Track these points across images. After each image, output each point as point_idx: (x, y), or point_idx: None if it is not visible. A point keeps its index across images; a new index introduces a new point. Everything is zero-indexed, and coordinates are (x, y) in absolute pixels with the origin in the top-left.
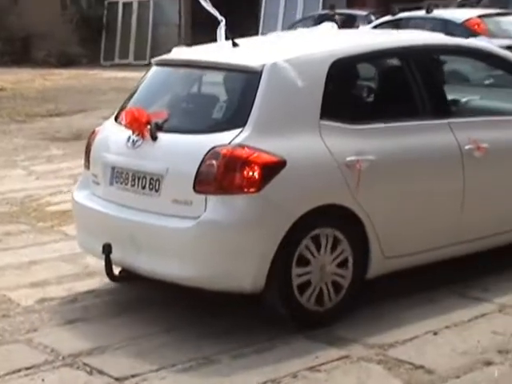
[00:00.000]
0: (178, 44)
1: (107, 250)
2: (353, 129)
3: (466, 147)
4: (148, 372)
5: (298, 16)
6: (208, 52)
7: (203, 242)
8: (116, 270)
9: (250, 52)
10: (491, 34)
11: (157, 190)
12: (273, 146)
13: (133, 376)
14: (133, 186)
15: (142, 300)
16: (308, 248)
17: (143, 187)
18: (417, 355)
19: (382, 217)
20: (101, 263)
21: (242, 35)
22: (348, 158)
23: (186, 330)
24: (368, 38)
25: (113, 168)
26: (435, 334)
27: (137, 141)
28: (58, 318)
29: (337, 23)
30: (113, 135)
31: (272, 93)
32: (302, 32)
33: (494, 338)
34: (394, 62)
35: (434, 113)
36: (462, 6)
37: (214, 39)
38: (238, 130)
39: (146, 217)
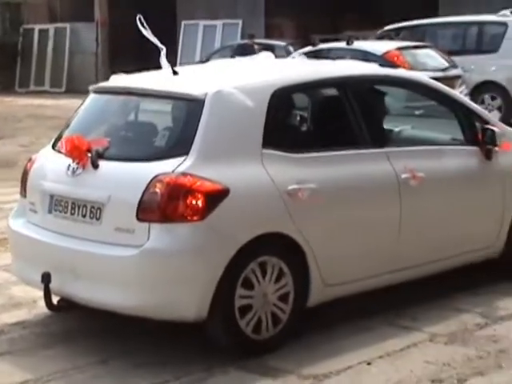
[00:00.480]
0: (96, 72)
1: (46, 279)
2: (294, 157)
3: (403, 176)
4: None
5: (217, 45)
6: (148, 80)
7: (146, 270)
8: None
9: (191, 80)
10: (409, 67)
11: (98, 219)
12: (216, 175)
13: None
14: (72, 214)
15: (74, 331)
16: (254, 272)
17: (83, 215)
18: None
19: (323, 245)
20: (27, 294)
21: (159, 66)
22: (290, 187)
23: (122, 360)
24: (308, 67)
25: (51, 196)
26: (369, 364)
27: (77, 169)
28: None
29: (255, 53)
30: (51, 163)
31: (215, 121)
32: (241, 61)
33: (427, 368)
34: (333, 91)
35: (372, 142)
36: (380, 38)
37: (131, 68)
38: (182, 159)
39: (87, 245)
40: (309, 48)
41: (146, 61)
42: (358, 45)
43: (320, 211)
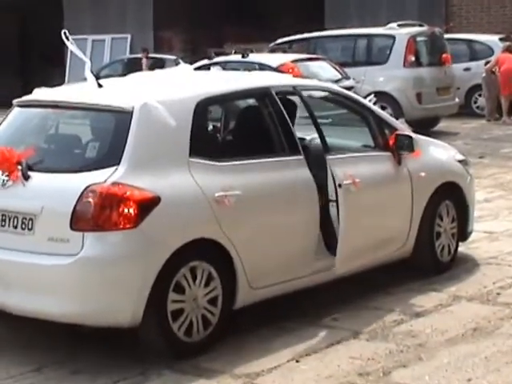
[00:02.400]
0: None
1: None
2: (219, 165)
3: (345, 182)
4: None
5: (106, 60)
6: (74, 93)
7: (82, 278)
8: None
9: (117, 93)
10: (304, 78)
11: (30, 229)
12: (147, 183)
13: None
14: (3, 226)
15: (3, 341)
16: (185, 277)
17: (15, 226)
18: (284, 382)
19: (248, 250)
20: None
21: (48, 83)
22: (216, 194)
23: (57, 369)
24: (229, 78)
25: None
26: (297, 361)
27: (7, 181)
28: None
29: (141, 67)
30: None
31: (143, 132)
32: (162, 73)
33: (353, 363)
34: (254, 101)
35: (289, 150)
36: (273, 51)
37: (18, 82)
38: (113, 169)
39: (19, 256)
40: (205, 61)
41: (32, 74)
42: (253, 57)
43: (245, 217)
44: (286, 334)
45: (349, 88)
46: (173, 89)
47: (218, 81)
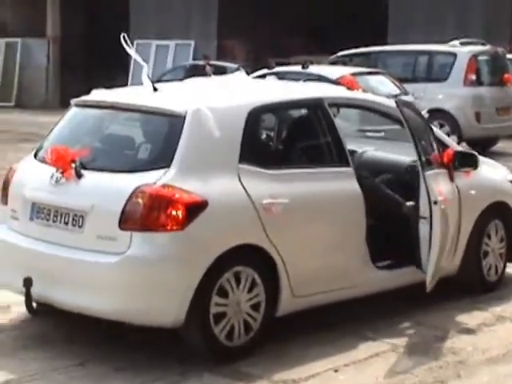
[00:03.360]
0: (46, 87)
1: (28, 283)
2: (269, 173)
3: None
4: None
5: (169, 65)
6: (130, 95)
7: (127, 276)
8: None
9: (172, 97)
10: (363, 91)
11: (80, 226)
12: (196, 187)
13: None
14: (55, 221)
15: (50, 335)
16: (229, 281)
17: (66, 223)
18: None
19: (292, 258)
20: (0, 299)
21: (112, 85)
22: (264, 201)
23: (98, 364)
24: (282, 88)
25: (33, 204)
26: (336, 371)
27: (61, 178)
28: None
29: (205, 74)
30: (33, 172)
31: (195, 137)
32: (217, 80)
33: (391, 376)
34: (305, 111)
35: (338, 161)
36: (333, 63)
37: (83, 84)
38: (163, 171)
39: (69, 252)
40: (264, 70)
41: (97, 77)
42: (313, 69)
43: (291, 225)
44: (325, 344)
45: None
46: (227, 95)
47: (272, 90)
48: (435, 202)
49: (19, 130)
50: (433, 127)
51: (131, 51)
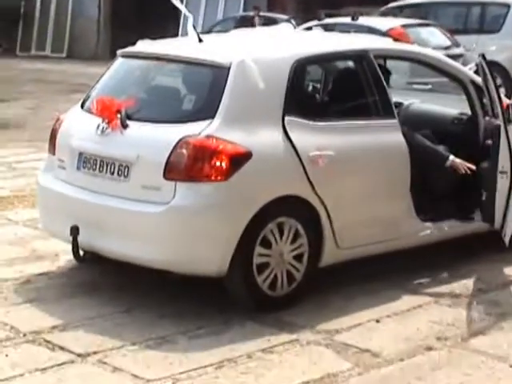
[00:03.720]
0: (98, 38)
1: (74, 232)
2: (314, 125)
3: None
4: (109, 349)
5: (219, 17)
6: (175, 46)
7: (172, 226)
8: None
9: (217, 48)
10: (413, 44)
11: (126, 176)
12: (240, 138)
13: (94, 353)
14: (101, 171)
15: (97, 283)
16: (272, 232)
17: (112, 173)
18: (362, 340)
19: (337, 209)
20: (49, 247)
21: (162, 36)
22: (310, 153)
23: (143, 312)
24: (327, 40)
25: (80, 154)
26: (377, 321)
27: (106, 128)
28: (13, 297)
29: (254, 26)
30: (80, 122)
31: (239, 88)
32: (263, 31)
33: (432, 327)
34: (351, 64)
35: (384, 113)
36: (384, 15)
37: (134, 35)
38: (207, 122)
39: (115, 201)
40: (315, 22)
41: (147, 28)
42: (363, 21)
43: (336, 177)
44: (368, 295)
45: (458, 56)
46: (272, 47)
47: (317, 41)
48: None
49: (70, 80)
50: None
51: (177, 2)
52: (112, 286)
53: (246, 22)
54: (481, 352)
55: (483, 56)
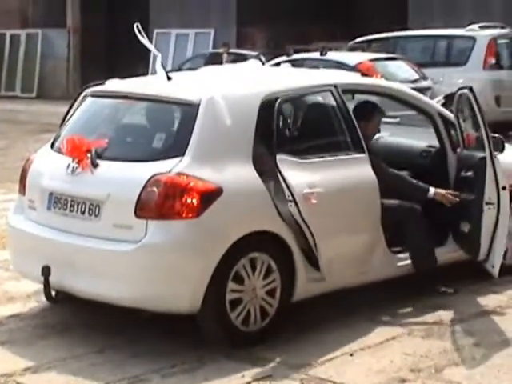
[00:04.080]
0: (67, 78)
1: (46, 272)
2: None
3: None
4: None
5: (189, 54)
6: (143, 85)
7: (144, 264)
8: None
9: (186, 86)
10: (381, 78)
11: (96, 215)
12: (210, 175)
13: None
14: (72, 211)
15: (69, 323)
16: (245, 268)
17: (82, 212)
18: (336, 374)
19: (321, 243)
20: (20, 289)
21: (132, 75)
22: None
23: (116, 351)
24: (295, 76)
25: (51, 194)
26: (351, 355)
27: (77, 168)
28: None
29: (222, 62)
30: (50, 162)
31: (208, 125)
32: (230, 68)
33: (406, 359)
34: (320, 99)
35: (354, 147)
36: (352, 49)
37: (104, 73)
38: (178, 159)
39: (86, 240)
40: (283, 58)
41: (117, 66)
42: (332, 55)
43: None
44: (341, 329)
45: (426, 88)
46: (240, 84)
47: (286, 78)
48: (504, 188)
49: (41, 120)
50: (447, 111)
51: (145, 41)
52: (84, 327)
53: (215, 59)
54: (454, 382)
55: (471, 89)
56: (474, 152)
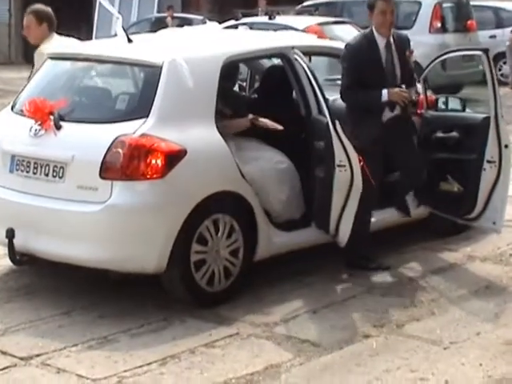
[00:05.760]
0: (9, 43)
1: (10, 234)
2: None
3: None
4: (51, 351)
5: (133, 19)
6: (105, 47)
7: (109, 225)
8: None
9: (147, 48)
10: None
11: (61, 177)
12: (174, 136)
13: (37, 355)
14: (35, 173)
15: (34, 286)
16: (208, 229)
17: (46, 174)
18: (301, 331)
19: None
20: None
21: (76, 37)
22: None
23: (83, 313)
24: (255, 38)
25: (13, 156)
26: (314, 312)
27: (39, 130)
28: None
29: (167, 26)
30: (11, 125)
31: (172, 87)
32: (191, 30)
33: (368, 315)
34: (279, 61)
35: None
36: (300, 13)
37: None
38: (142, 121)
39: (50, 202)
40: (232, 22)
41: (59, 31)
42: (280, 19)
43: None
44: (304, 288)
45: None
46: (202, 46)
47: (247, 40)
48: (506, 146)
49: None
50: None
51: (106, 3)
52: (50, 289)
53: (161, 24)
54: (415, 337)
55: (486, 51)
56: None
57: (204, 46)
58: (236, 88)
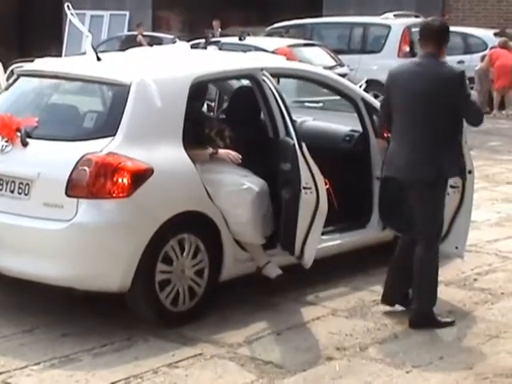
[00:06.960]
0: None
1: None
2: None
3: None
4: (13, 370)
5: (104, 36)
6: (74, 65)
7: (74, 243)
8: None
9: (116, 67)
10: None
11: (26, 194)
12: (141, 155)
13: None
14: (0, 189)
15: None
16: (173, 249)
17: (12, 191)
18: (265, 352)
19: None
20: None
21: (45, 56)
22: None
23: (46, 331)
24: (224, 59)
25: None
26: (278, 334)
27: (6, 146)
28: None
29: (141, 45)
30: None
31: (140, 106)
32: (159, 50)
33: (331, 337)
34: (247, 82)
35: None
36: (270, 35)
37: (15, 53)
38: (109, 139)
39: (15, 219)
40: (201, 41)
41: (28, 48)
42: (250, 41)
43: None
44: (268, 309)
45: (343, 75)
46: (170, 66)
47: (216, 60)
48: (470, 172)
49: None
50: (369, 96)
51: (75, 20)
52: (13, 306)
53: (131, 42)
54: (378, 360)
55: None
56: None
57: (173, 65)
58: (204, 108)
